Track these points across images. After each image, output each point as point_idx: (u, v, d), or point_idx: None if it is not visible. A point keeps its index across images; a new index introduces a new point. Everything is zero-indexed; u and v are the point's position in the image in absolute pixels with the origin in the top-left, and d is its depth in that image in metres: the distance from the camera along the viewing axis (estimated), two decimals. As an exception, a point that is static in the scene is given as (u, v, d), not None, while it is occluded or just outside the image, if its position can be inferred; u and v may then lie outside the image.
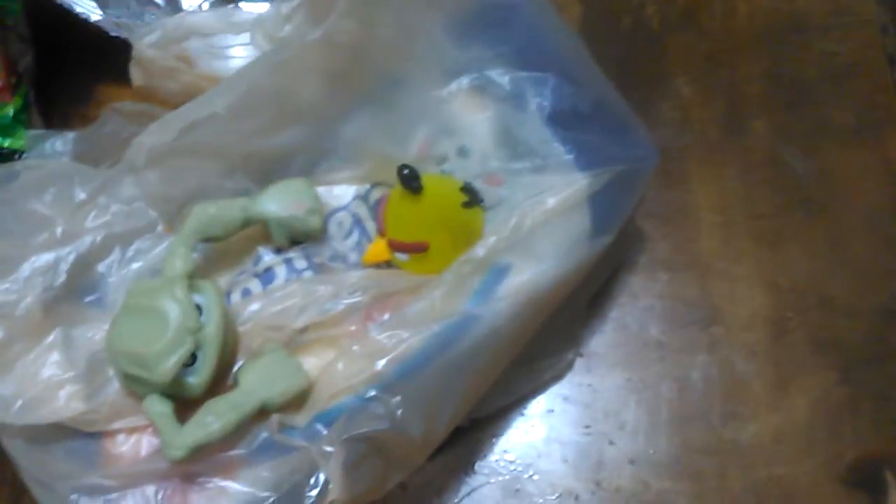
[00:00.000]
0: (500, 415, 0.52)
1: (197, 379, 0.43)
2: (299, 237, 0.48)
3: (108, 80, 0.62)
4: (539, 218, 0.46)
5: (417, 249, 0.47)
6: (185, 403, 0.43)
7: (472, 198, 0.48)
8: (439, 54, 0.50)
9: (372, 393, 0.42)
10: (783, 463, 0.50)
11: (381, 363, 0.43)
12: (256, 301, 0.46)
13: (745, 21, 0.63)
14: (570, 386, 0.52)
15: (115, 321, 0.44)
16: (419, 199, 0.47)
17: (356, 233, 0.49)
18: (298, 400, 0.44)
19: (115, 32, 0.57)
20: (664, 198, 0.57)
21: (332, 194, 0.50)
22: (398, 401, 0.42)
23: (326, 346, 0.45)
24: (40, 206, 0.48)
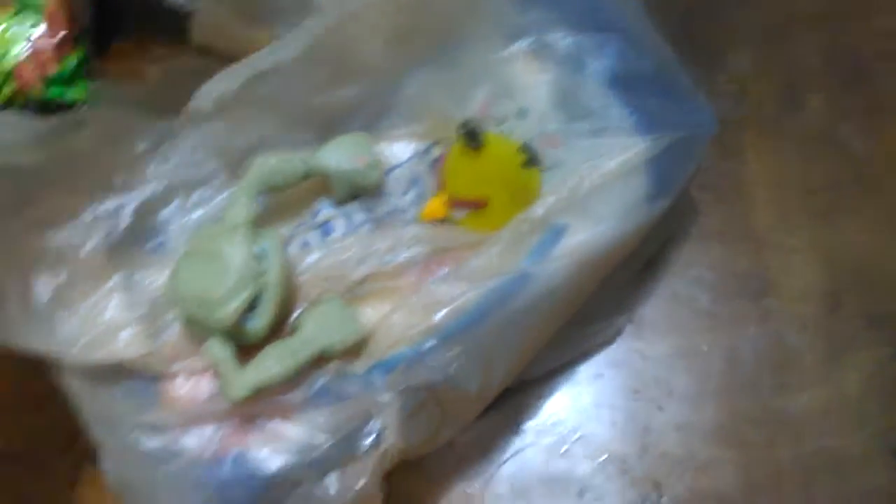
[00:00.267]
0: (548, 378, 0.52)
1: (257, 324, 0.44)
2: (358, 191, 0.49)
3: (164, 40, 0.62)
4: (597, 180, 0.47)
5: (477, 205, 0.47)
6: (244, 349, 0.44)
7: (531, 158, 0.48)
8: (501, 16, 0.51)
9: (429, 345, 0.43)
10: (833, 435, 0.50)
11: (438, 315, 0.43)
12: (315, 252, 0.47)
13: (805, -4, 0.62)
14: (619, 351, 0.52)
15: (178, 266, 0.45)
16: (479, 156, 0.47)
17: (414, 190, 0.50)
18: (356, 348, 0.44)
19: None
20: (719, 169, 0.57)
21: (392, 151, 0.50)
22: (455, 353, 0.42)
23: (383, 299, 0.46)
24: (103, 154, 0.48)
